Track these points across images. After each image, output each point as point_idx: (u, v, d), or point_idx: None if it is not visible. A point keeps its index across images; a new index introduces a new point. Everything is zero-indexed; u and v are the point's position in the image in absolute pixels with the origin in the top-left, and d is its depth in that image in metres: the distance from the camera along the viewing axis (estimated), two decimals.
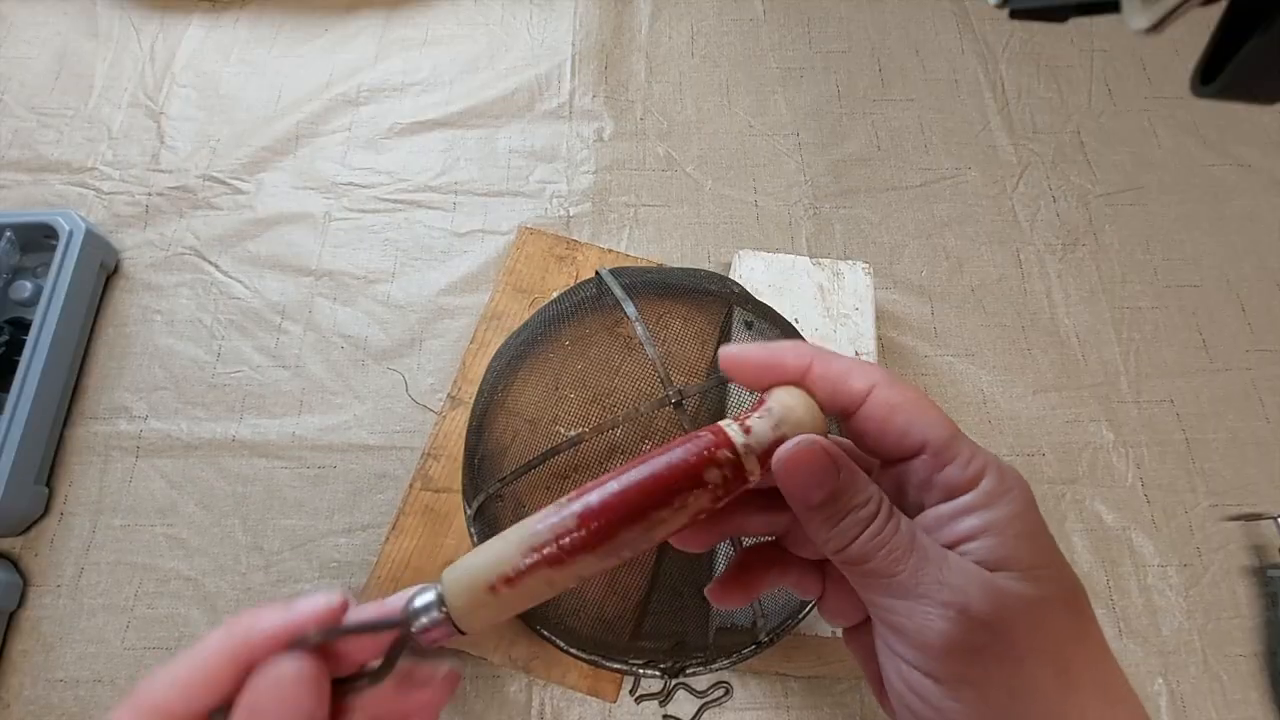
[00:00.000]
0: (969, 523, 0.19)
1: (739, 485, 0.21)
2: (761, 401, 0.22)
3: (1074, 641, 0.19)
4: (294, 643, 0.20)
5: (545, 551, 0.20)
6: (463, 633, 0.20)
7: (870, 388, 0.21)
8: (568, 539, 0.20)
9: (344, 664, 0.21)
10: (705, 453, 0.20)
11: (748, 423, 0.21)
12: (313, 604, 0.20)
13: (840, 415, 0.22)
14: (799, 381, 0.22)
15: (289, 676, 0.19)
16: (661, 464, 0.20)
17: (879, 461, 0.23)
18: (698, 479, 0.20)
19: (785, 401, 0.21)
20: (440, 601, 0.20)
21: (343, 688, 0.20)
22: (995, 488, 0.20)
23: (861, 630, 0.23)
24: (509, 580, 0.20)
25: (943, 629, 0.18)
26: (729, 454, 0.20)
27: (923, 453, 0.20)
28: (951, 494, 0.20)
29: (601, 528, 0.20)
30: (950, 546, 0.20)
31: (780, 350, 0.22)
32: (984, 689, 0.18)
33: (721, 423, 0.21)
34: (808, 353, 0.22)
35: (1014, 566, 0.19)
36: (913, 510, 0.21)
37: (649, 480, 0.20)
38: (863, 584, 0.20)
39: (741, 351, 0.22)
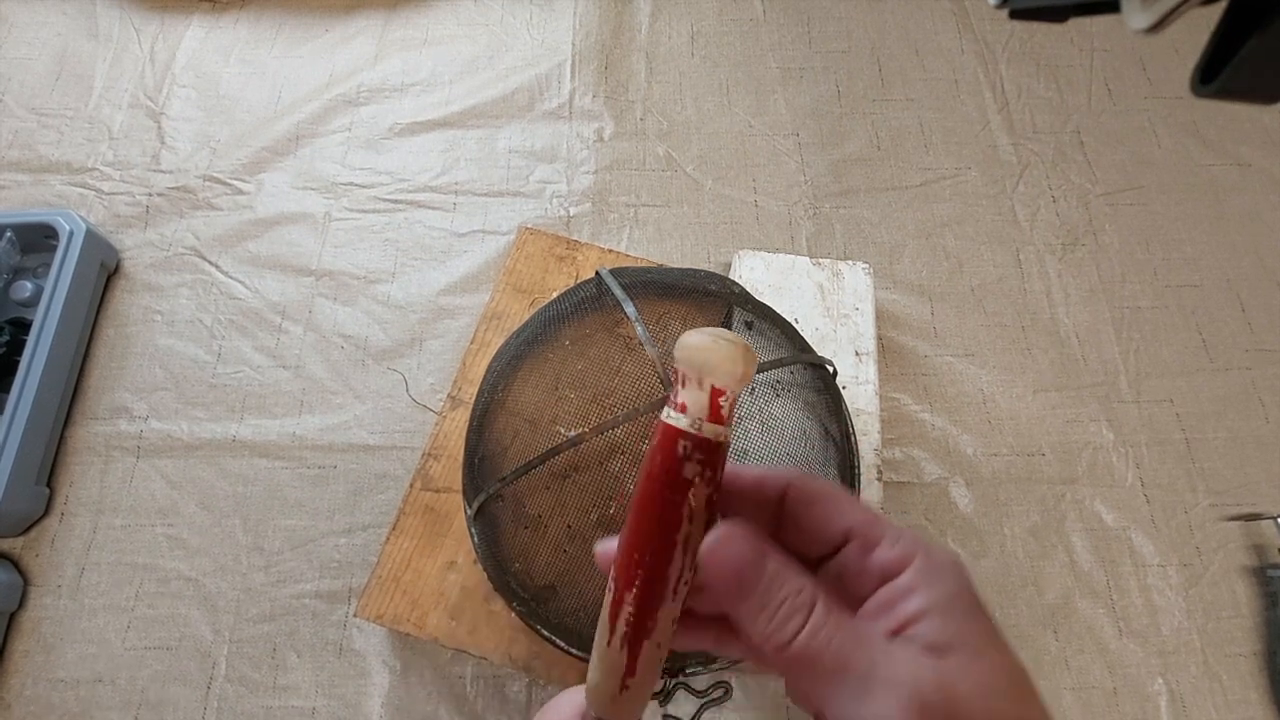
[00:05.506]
0: (911, 605, 0.18)
1: (721, 452, 0.21)
2: (678, 371, 0.21)
3: None
4: None
5: (627, 639, 0.21)
6: None
7: (785, 486, 0.21)
8: (626, 622, 0.21)
9: None
10: (670, 459, 0.20)
11: (680, 399, 0.21)
12: None
13: (766, 525, 0.21)
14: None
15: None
16: (646, 501, 0.21)
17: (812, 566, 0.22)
18: (682, 482, 0.20)
19: (693, 352, 0.21)
20: None
21: None
22: (929, 565, 0.19)
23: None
24: (624, 685, 0.22)
25: None
26: (688, 443, 0.20)
27: (850, 540, 0.20)
28: (887, 575, 0.19)
29: (644, 588, 0.21)
30: (894, 634, 0.19)
31: None
32: None
33: (663, 416, 0.21)
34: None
35: (960, 650, 0.18)
36: (853, 606, 0.20)
37: (646, 523, 0.21)
38: (812, 687, 0.19)
39: None
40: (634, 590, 0.21)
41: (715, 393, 0.20)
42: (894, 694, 0.17)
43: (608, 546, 0.22)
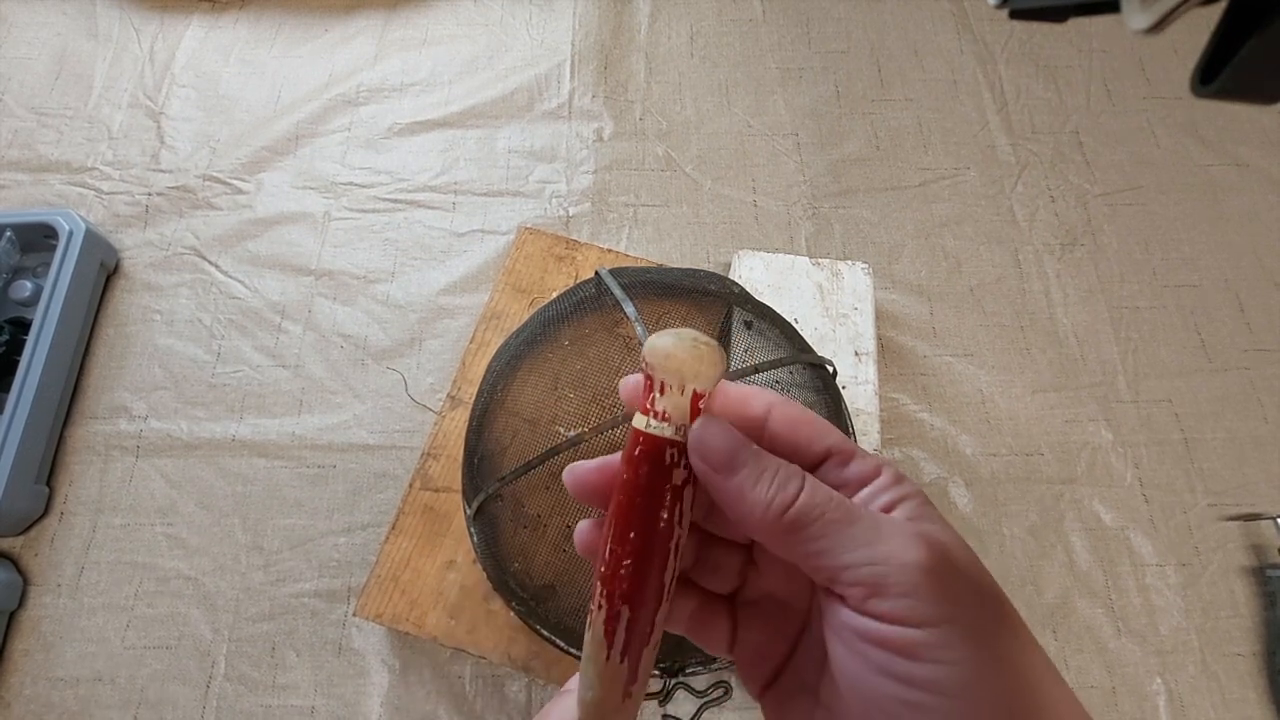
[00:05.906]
0: (888, 495, 0.21)
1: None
2: (649, 379, 0.21)
3: (1013, 611, 0.20)
4: None
5: (627, 650, 0.21)
6: None
7: (769, 408, 0.22)
8: (625, 633, 0.21)
9: None
10: (660, 470, 0.21)
11: (659, 407, 0.21)
12: None
13: (752, 438, 0.22)
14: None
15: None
16: (636, 513, 0.21)
17: None
18: (674, 489, 0.21)
19: (672, 360, 0.20)
20: None
21: None
22: (896, 473, 0.21)
23: (781, 689, 0.23)
24: (628, 693, 0.22)
25: (923, 554, 0.18)
26: (675, 451, 0.21)
27: (829, 457, 0.22)
28: (863, 483, 0.21)
29: (642, 600, 0.21)
30: None
31: None
32: (974, 629, 0.18)
33: (640, 426, 0.21)
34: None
35: (932, 521, 0.20)
36: None
37: (640, 536, 0.21)
38: (817, 549, 0.19)
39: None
40: (631, 603, 0.21)
41: (696, 397, 0.21)
42: (905, 532, 0.19)
43: (586, 534, 0.22)
